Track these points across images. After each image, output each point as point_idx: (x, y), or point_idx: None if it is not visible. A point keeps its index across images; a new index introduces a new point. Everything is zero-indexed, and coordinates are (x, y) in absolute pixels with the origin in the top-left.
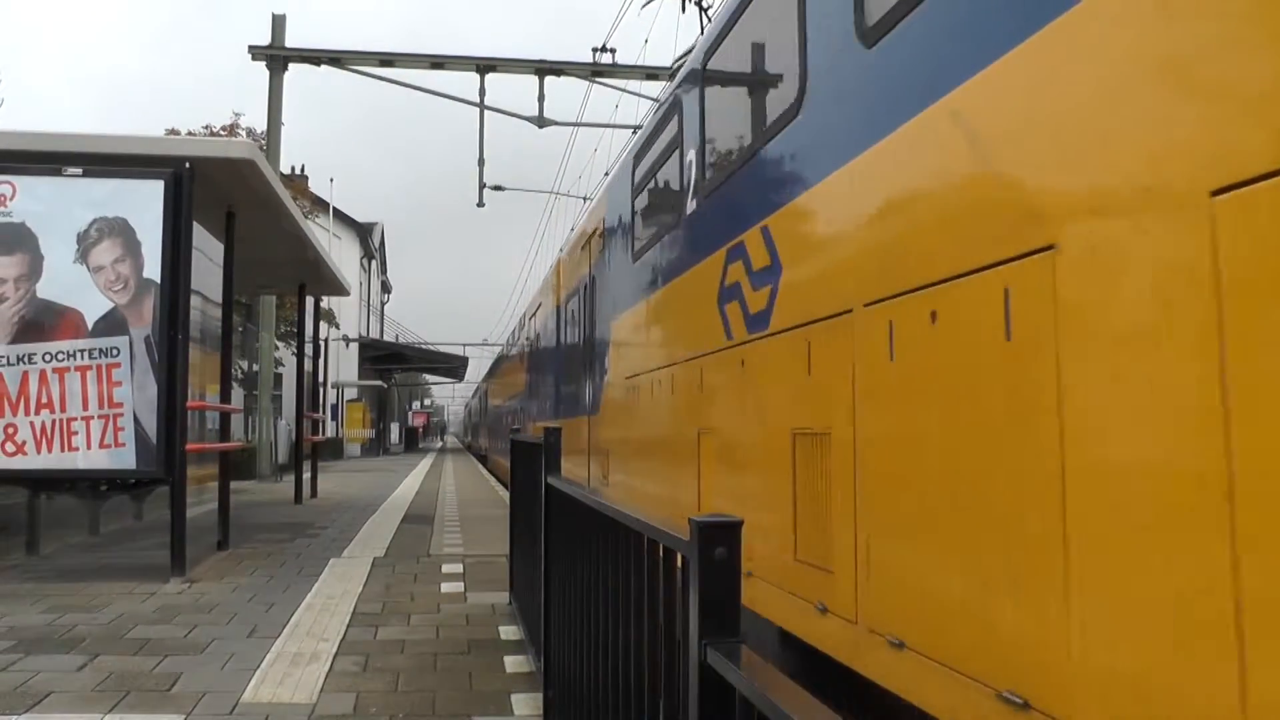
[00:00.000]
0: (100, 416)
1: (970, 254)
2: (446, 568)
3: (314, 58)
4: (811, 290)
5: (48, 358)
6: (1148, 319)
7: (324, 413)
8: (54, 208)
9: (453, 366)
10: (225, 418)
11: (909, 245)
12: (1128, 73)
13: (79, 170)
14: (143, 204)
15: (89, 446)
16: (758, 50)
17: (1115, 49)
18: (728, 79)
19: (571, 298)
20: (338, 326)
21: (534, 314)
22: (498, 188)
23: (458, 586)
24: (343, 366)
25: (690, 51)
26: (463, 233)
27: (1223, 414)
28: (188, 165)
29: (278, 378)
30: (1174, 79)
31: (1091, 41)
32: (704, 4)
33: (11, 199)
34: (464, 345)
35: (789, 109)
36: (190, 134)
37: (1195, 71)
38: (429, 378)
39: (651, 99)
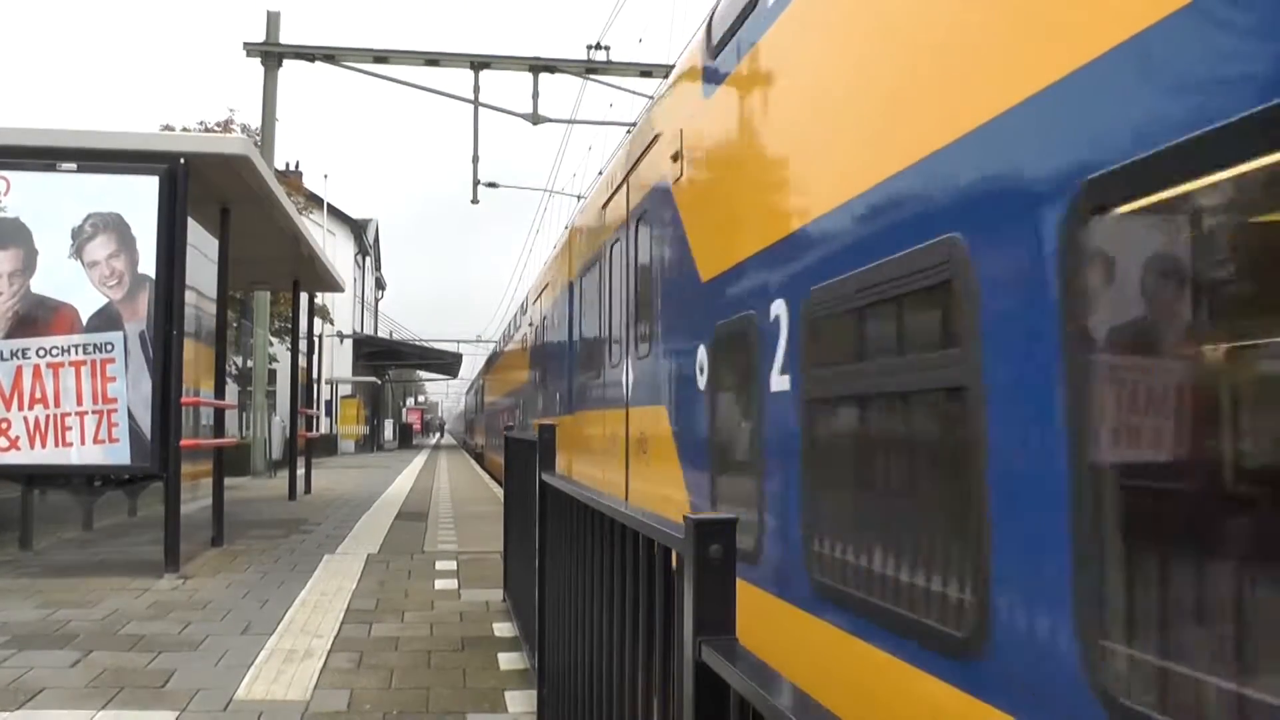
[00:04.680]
0: (94, 412)
1: None
2: (440, 564)
3: (308, 54)
4: None
5: (42, 353)
6: None
7: (318, 409)
8: (48, 203)
9: (447, 363)
10: (220, 413)
11: None
12: None
13: (73, 166)
14: (137, 199)
15: (83, 442)
16: None
17: None
18: None
19: None
20: (332, 323)
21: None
22: (492, 184)
23: (452, 583)
24: (337, 363)
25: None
26: (457, 230)
27: None
28: (182, 161)
29: (272, 374)
30: None
31: None
32: None
33: (5, 194)
34: (458, 342)
35: None
36: (185, 130)
37: None
38: (423, 374)
39: (646, 96)
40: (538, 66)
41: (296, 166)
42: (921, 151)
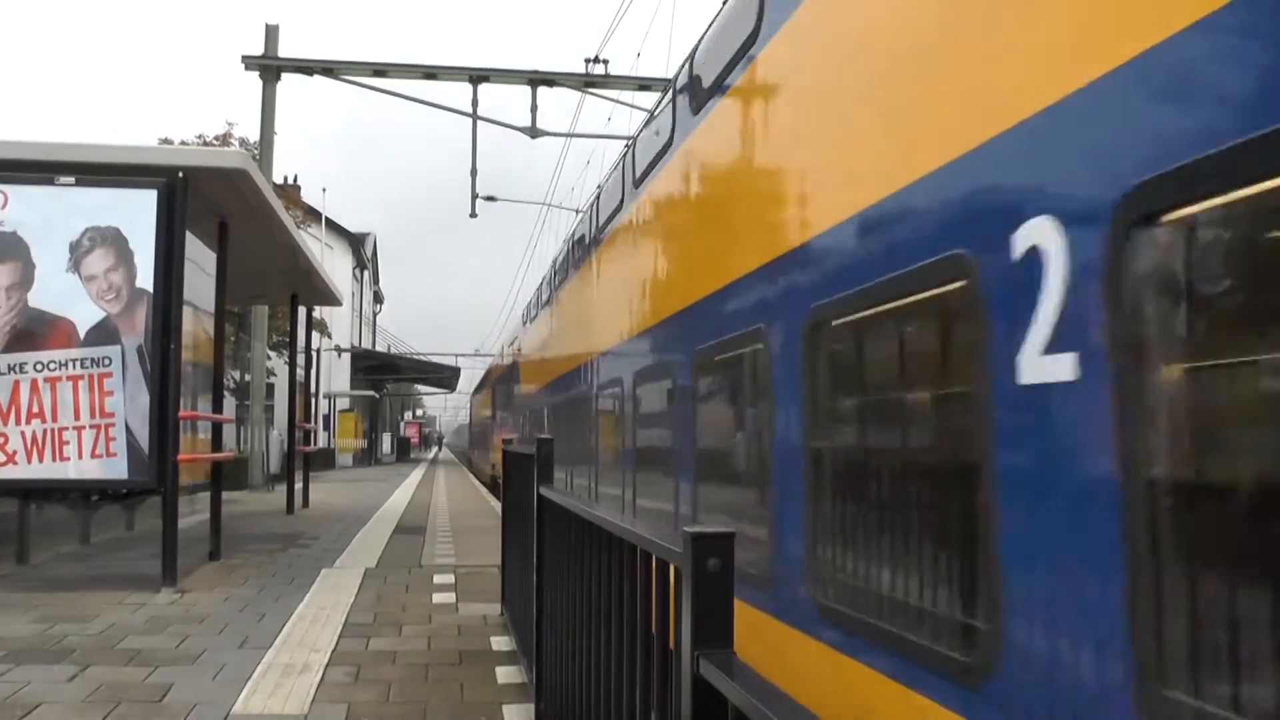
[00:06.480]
0: (92, 426)
1: None
2: (438, 578)
3: (307, 68)
4: None
5: (39, 367)
6: None
7: (316, 423)
8: (46, 217)
9: (444, 377)
10: (217, 427)
11: None
12: None
13: (71, 179)
14: (135, 213)
15: (80, 456)
16: None
17: None
18: None
19: None
20: (330, 336)
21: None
22: (490, 198)
23: (449, 597)
24: (335, 376)
25: None
26: (455, 244)
27: None
28: (181, 175)
29: (270, 388)
30: None
31: None
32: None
33: (3, 208)
34: (456, 356)
35: None
36: (183, 143)
37: None
38: (421, 388)
39: (644, 110)
40: (536, 80)
41: (295, 180)
42: None
